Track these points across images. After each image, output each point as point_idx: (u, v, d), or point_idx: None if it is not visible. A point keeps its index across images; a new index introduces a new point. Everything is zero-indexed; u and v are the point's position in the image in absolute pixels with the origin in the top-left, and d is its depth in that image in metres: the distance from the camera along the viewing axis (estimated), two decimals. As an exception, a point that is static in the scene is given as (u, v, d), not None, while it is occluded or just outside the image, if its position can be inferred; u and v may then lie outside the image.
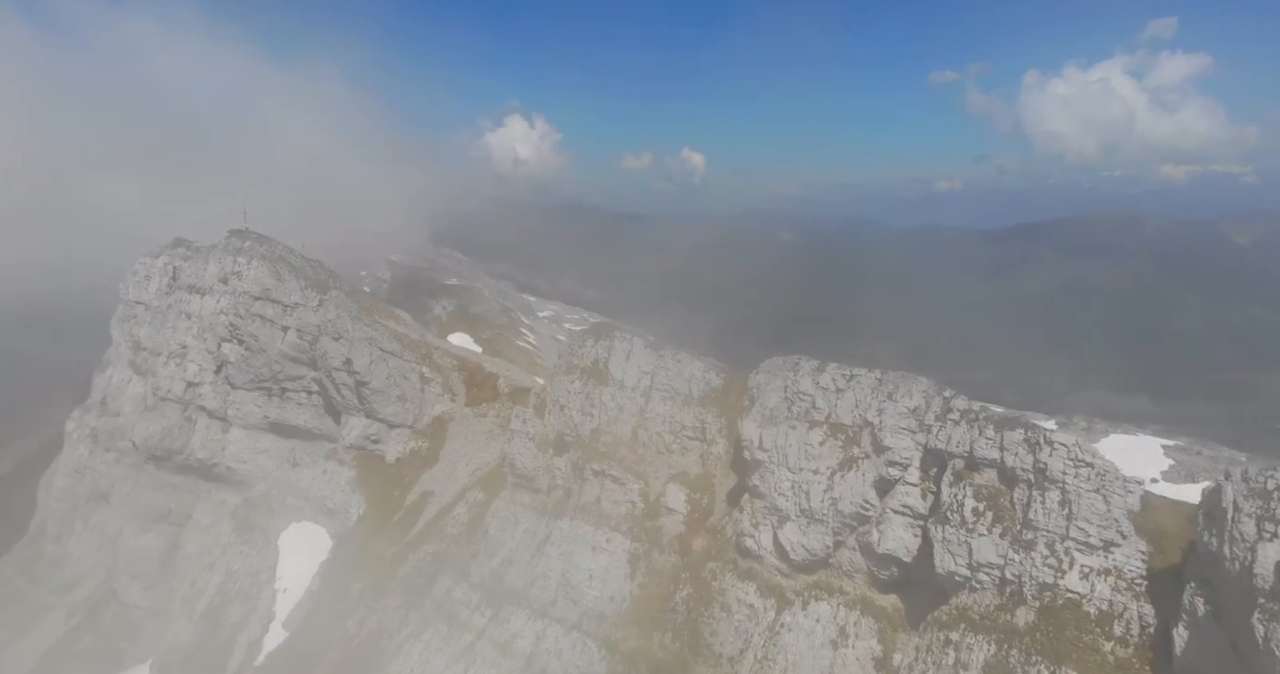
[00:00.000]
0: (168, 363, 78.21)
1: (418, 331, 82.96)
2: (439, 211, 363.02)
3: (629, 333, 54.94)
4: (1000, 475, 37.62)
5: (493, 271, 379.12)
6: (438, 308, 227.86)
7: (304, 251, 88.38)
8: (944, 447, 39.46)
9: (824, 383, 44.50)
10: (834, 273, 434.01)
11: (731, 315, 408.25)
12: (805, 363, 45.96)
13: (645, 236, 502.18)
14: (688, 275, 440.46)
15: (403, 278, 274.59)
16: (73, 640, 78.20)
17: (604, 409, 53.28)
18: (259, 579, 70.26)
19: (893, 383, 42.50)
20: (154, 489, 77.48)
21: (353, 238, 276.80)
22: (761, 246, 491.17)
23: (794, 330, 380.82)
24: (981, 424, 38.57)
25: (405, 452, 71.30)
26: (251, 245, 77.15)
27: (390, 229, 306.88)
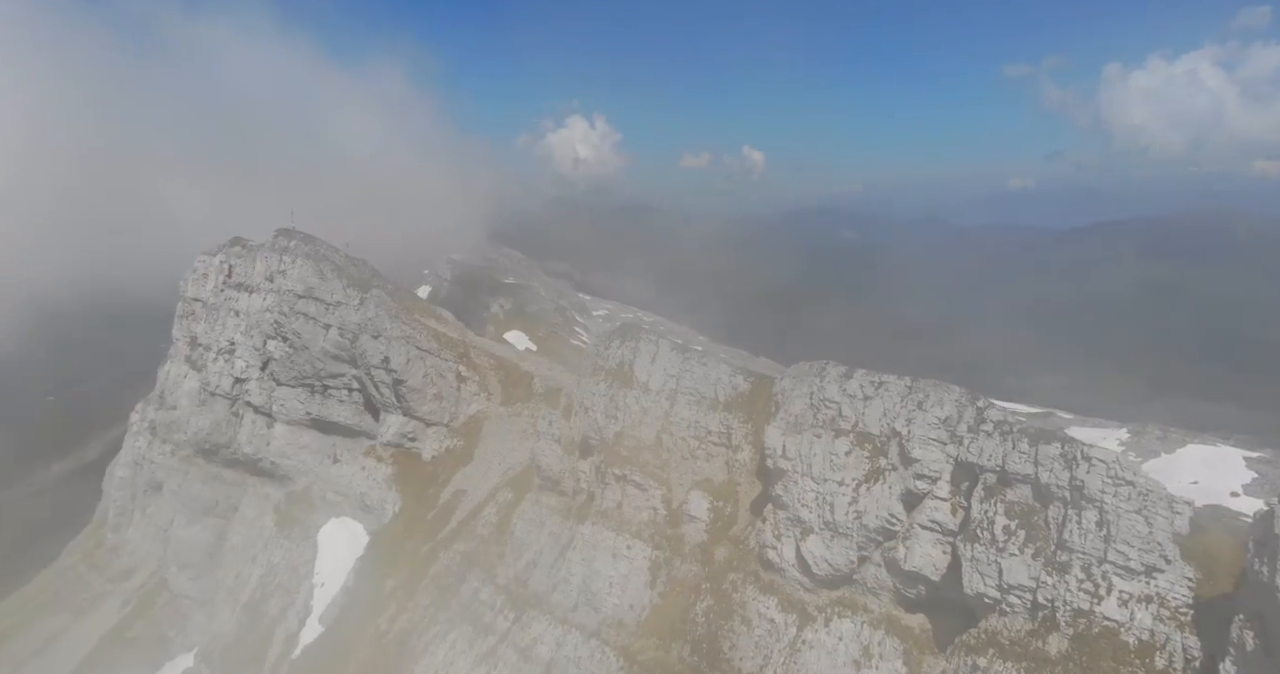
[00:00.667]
0: (217, 359, 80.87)
1: (458, 330, 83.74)
2: (500, 211, 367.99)
3: (655, 335, 54.13)
4: (1034, 492, 35.47)
5: (551, 270, 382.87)
6: (495, 306, 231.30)
7: (355, 251, 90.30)
8: (975, 460, 37.46)
9: (851, 390, 42.84)
10: (898, 272, 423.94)
11: (789, 316, 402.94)
12: (832, 368, 44.34)
13: (703, 235, 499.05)
14: (745, 275, 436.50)
15: (463, 276, 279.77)
16: (125, 627, 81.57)
17: (628, 412, 52.56)
18: (298, 573, 71.92)
19: (923, 391, 40.59)
20: (202, 481, 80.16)
21: (417, 237, 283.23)
22: (821, 245, 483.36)
23: (854, 332, 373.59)
24: (1015, 437, 36.45)
25: (441, 450, 71.95)
26: (297, 244, 79.06)
27: (453, 229, 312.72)
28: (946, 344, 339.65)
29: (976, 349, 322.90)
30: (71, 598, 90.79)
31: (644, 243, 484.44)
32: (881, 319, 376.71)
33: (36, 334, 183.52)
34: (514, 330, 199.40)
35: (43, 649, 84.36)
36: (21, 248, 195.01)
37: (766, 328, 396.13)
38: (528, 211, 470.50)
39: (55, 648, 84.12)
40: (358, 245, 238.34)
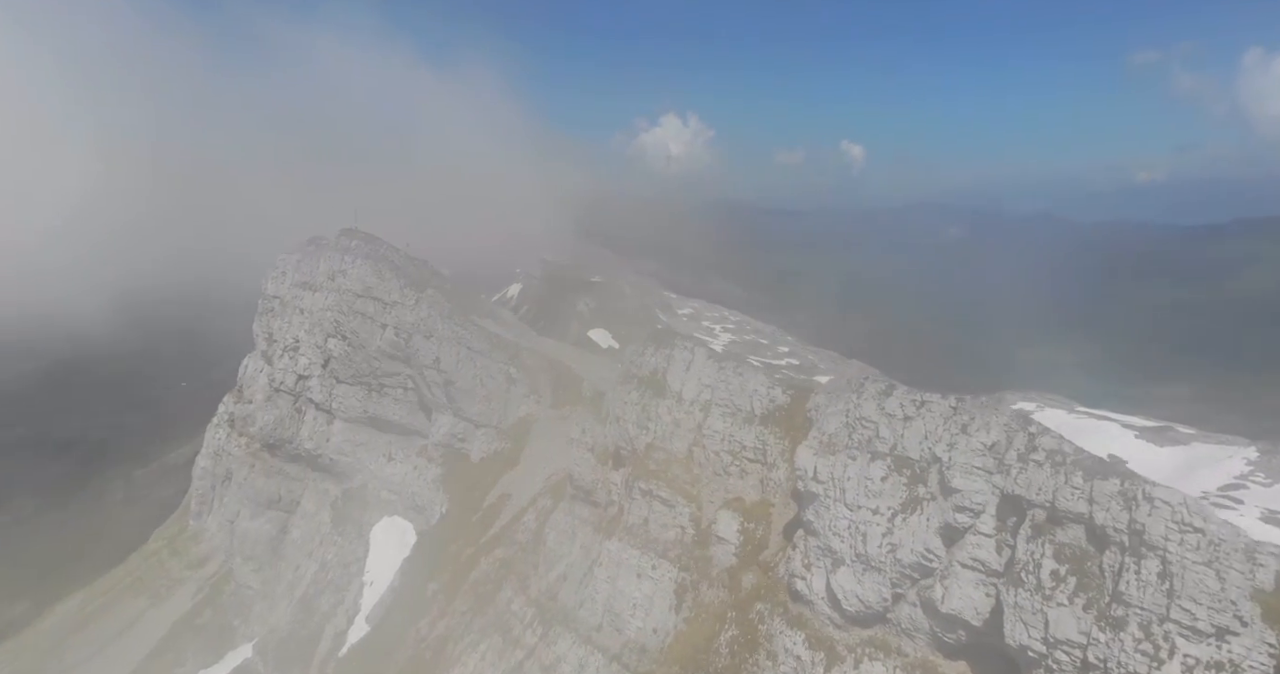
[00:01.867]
0: (283, 356, 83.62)
1: (515, 331, 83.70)
2: (592, 211, 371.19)
3: (691, 341, 51.77)
4: (1088, 534, 31.28)
5: (640, 269, 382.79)
6: (581, 304, 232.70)
7: (447, 250, 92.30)
8: (1023, 493, 33.46)
9: (890, 408, 39.32)
10: (1009, 272, 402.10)
11: (888, 316, 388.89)
12: (871, 385, 40.89)
13: (796, 232, 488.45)
14: (841, 273, 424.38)
15: (553, 275, 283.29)
16: (195, 614, 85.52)
17: (659, 423, 50.47)
18: (349, 570, 73.43)
19: (968, 413, 36.71)
20: (266, 475, 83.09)
21: (512, 237, 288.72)
22: (925, 243, 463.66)
23: (958, 335, 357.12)
24: (1068, 469, 32.27)
25: (489, 452, 71.88)
26: (358, 244, 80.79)
27: (546, 228, 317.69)
28: (1059, 348, 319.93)
29: (1092, 355, 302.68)
30: (152, 582, 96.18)
31: (734, 240, 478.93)
32: (989, 321, 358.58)
33: (164, 325, 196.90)
34: (598, 328, 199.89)
35: (123, 632, 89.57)
36: (147, 243, 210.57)
37: (863, 328, 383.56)
38: (619, 210, 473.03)
39: (134, 631, 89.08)
40: (450, 245, 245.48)
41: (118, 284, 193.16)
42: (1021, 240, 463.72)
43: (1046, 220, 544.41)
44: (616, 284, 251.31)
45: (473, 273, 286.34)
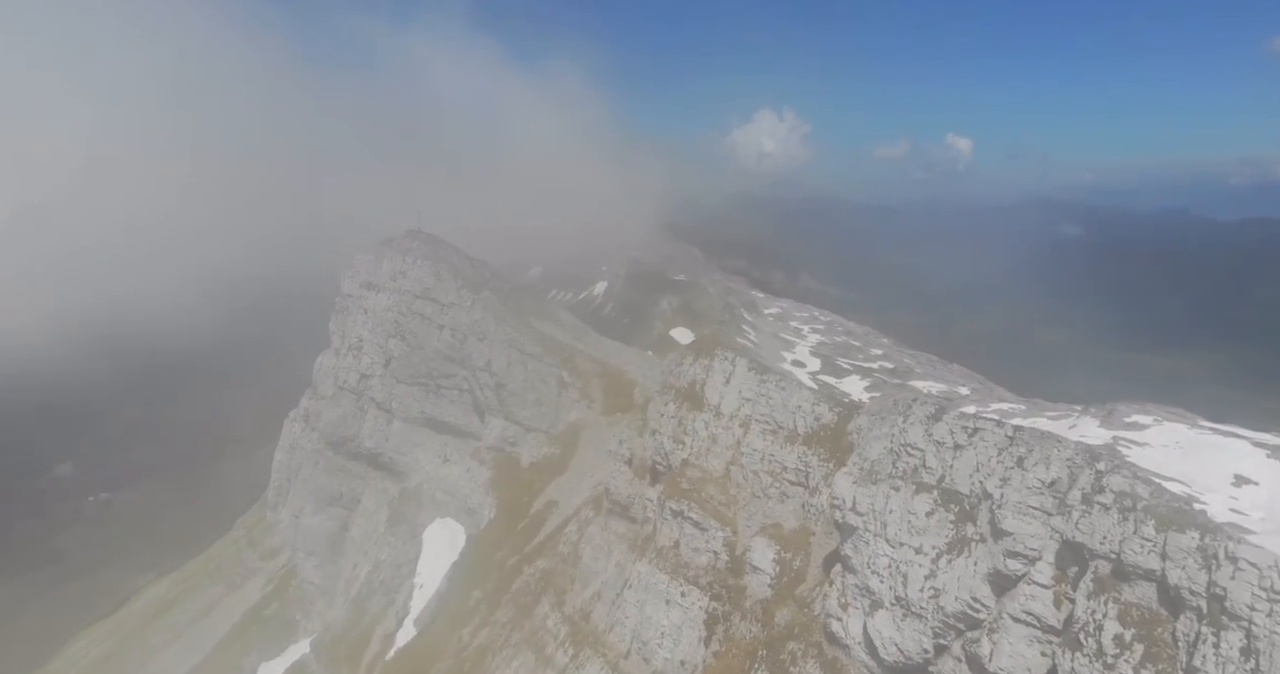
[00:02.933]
0: (347, 354, 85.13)
1: (573, 332, 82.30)
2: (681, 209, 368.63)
3: (731, 352, 48.59)
4: (1160, 594, 26.72)
5: (729, 267, 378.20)
6: (664, 303, 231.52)
7: (532, 249, 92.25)
8: (1086, 541, 29.05)
9: (939, 435, 35.26)
10: (1131, 273, 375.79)
11: (995, 318, 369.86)
12: (919, 407, 36.85)
13: (896, 230, 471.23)
14: (942, 272, 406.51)
15: (637, 273, 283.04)
16: (263, 606, 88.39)
17: (696, 438, 47.63)
18: (401, 572, 73.81)
19: (1026, 444, 32.34)
20: (329, 472, 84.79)
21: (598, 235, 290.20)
22: (1039, 241, 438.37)
23: (1075, 339, 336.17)
24: (1139, 516, 27.71)
25: (539, 457, 70.76)
26: (419, 246, 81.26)
27: (632, 227, 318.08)
28: (1190, 356, 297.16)
29: (1226, 363, 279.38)
30: (229, 571, 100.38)
31: (830, 238, 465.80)
32: (1110, 325, 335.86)
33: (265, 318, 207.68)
34: (680, 327, 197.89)
35: (199, 618, 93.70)
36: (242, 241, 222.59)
37: (967, 331, 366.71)
38: (709, 208, 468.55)
39: (209, 618, 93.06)
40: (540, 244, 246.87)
41: (215, 280, 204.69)
42: (1152, 239, 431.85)
43: (1177, 217, 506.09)
44: (700, 283, 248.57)
45: (559, 272, 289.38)
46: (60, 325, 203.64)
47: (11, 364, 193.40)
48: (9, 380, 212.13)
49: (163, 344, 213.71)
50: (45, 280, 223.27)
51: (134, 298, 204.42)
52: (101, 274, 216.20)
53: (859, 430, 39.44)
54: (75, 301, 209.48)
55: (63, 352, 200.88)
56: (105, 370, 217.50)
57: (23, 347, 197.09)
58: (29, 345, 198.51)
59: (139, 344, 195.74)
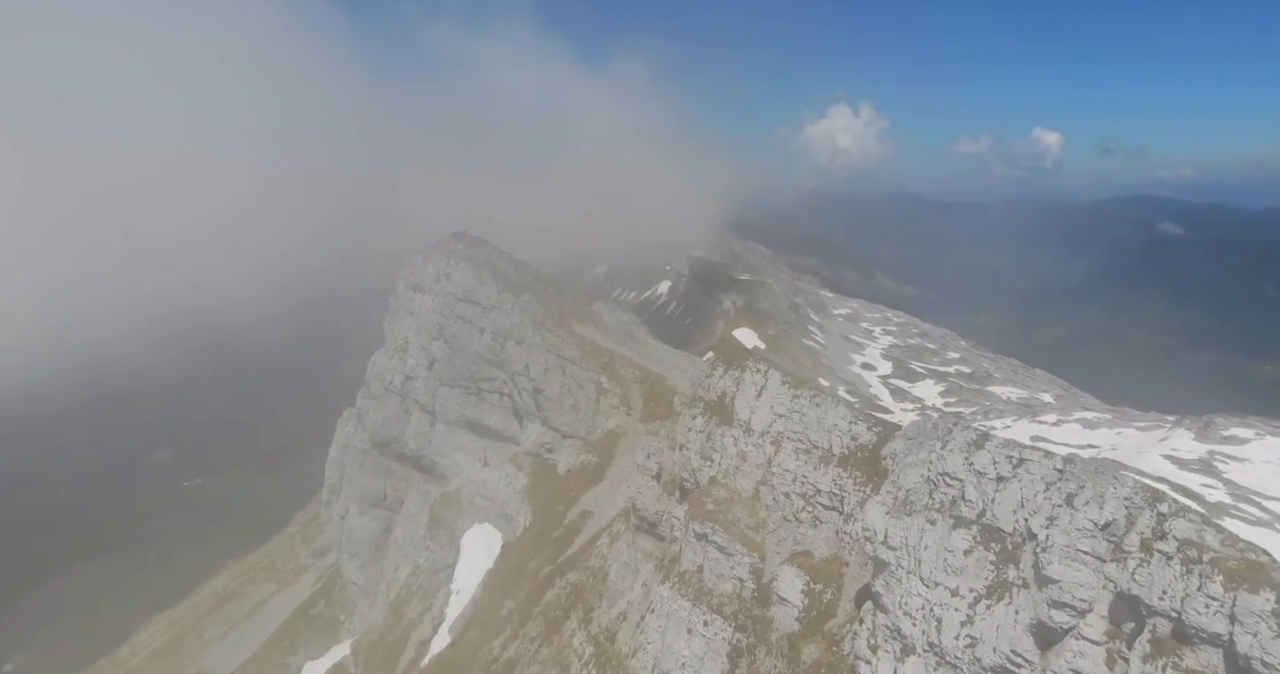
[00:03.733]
0: (393, 355, 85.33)
1: (617, 337, 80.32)
2: (750, 206, 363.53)
3: (764, 364, 45.70)
4: (1228, 663, 22.98)
5: (799, 266, 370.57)
6: (727, 302, 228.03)
7: (596, 249, 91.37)
8: (1143, 594, 25.40)
9: (980, 465, 31.80)
10: (1234, 274, 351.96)
11: (1084, 321, 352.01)
12: (960, 433, 33.38)
13: (978, 227, 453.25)
14: (1028, 272, 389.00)
15: (700, 272, 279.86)
16: (311, 604, 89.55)
17: (725, 455, 44.98)
18: (438, 577, 73.32)
19: (1078, 479, 28.67)
20: (374, 473, 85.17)
21: (662, 234, 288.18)
22: (1133, 239, 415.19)
23: (1171, 343, 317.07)
24: (1205, 570, 23.97)
25: (575, 464, 69.15)
26: (462, 248, 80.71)
27: (699, 225, 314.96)
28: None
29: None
30: (282, 567, 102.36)
31: (907, 236, 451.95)
32: (1207, 329, 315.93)
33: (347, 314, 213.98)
34: (743, 327, 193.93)
35: (252, 613, 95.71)
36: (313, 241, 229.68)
37: (1053, 334, 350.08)
38: (780, 206, 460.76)
39: (261, 613, 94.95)
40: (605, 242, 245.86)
41: (280, 276, 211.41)
42: (1258, 239, 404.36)
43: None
44: (765, 282, 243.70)
45: (624, 270, 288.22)
46: (134, 318, 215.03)
47: (100, 354, 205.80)
48: (106, 369, 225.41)
49: (231, 337, 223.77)
50: (118, 275, 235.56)
51: (194, 292, 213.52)
52: (166, 268, 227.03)
53: (893, 455, 36.19)
54: (143, 295, 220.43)
55: (137, 343, 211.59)
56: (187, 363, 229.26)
57: (104, 338, 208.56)
58: (109, 338, 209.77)
59: (206, 337, 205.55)
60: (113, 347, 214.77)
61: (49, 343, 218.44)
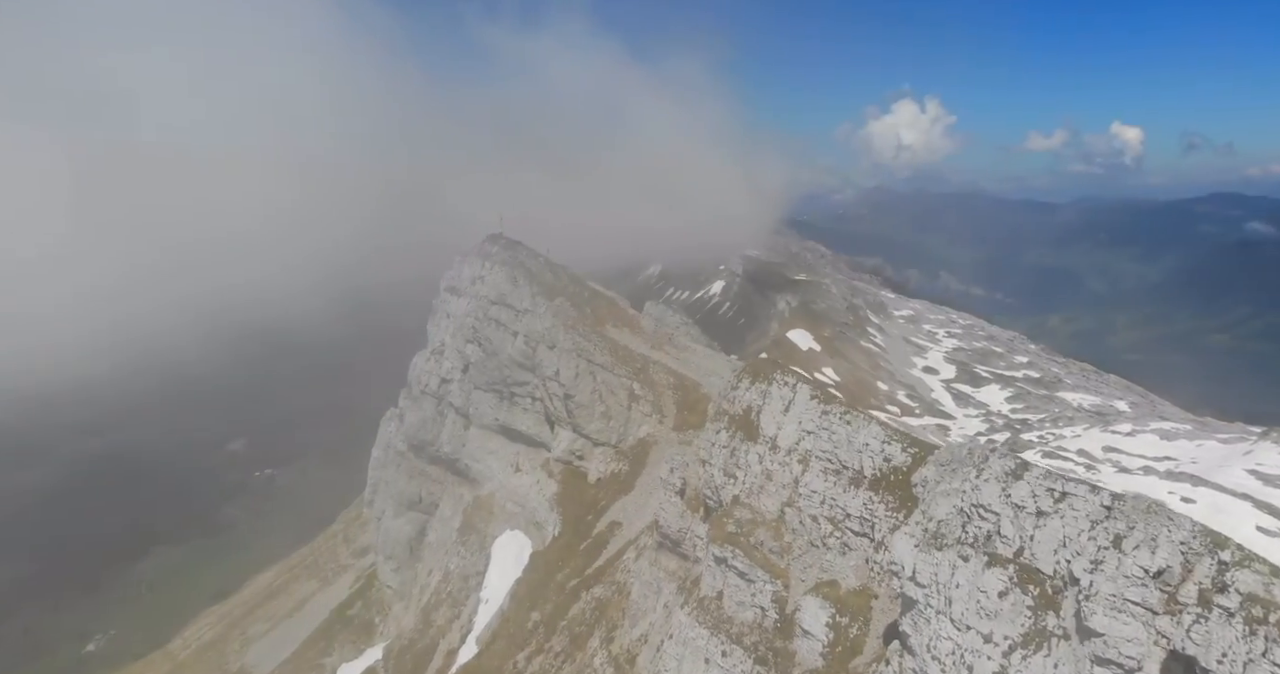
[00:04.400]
0: (430, 358, 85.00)
1: (654, 341, 78.23)
2: (808, 204, 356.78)
3: (792, 377, 43.05)
4: (1300, 748, 19.85)
5: (860, 266, 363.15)
6: (781, 303, 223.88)
7: (648, 248, 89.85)
8: (1200, 655, 22.33)
9: (1019, 497, 28.83)
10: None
11: (1165, 323, 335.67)
12: (997, 460, 30.39)
13: (1051, 226, 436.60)
14: (1105, 272, 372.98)
15: (753, 272, 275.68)
16: (348, 605, 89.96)
17: (749, 473, 42.54)
18: (468, 584, 72.52)
19: (1127, 518, 25.55)
20: (409, 476, 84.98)
21: (717, 233, 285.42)
22: (1220, 239, 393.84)
23: (1261, 349, 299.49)
24: (1272, 633, 20.85)
25: (606, 472, 67.46)
26: (498, 251, 79.81)
27: (754, 223, 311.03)
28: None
29: None
30: (324, 565, 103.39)
31: (974, 234, 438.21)
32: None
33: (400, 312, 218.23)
34: (798, 329, 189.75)
35: (294, 611, 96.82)
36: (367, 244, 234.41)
37: (1131, 337, 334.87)
38: (841, 204, 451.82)
39: (302, 612, 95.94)
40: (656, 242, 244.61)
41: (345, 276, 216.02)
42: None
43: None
44: (822, 282, 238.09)
45: (677, 270, 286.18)
46: (192, 315, 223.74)
47: (158, 348, 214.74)
48: (167, 362, 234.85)
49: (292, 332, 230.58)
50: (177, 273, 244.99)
51: (250, 288, 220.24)
52: (222, 266, 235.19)
53: (924, 483, 33.31)
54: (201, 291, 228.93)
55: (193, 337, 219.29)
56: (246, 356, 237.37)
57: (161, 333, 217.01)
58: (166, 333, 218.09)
59: (265, 332, 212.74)
60: (171, 341, 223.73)
61: (110, 338, 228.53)
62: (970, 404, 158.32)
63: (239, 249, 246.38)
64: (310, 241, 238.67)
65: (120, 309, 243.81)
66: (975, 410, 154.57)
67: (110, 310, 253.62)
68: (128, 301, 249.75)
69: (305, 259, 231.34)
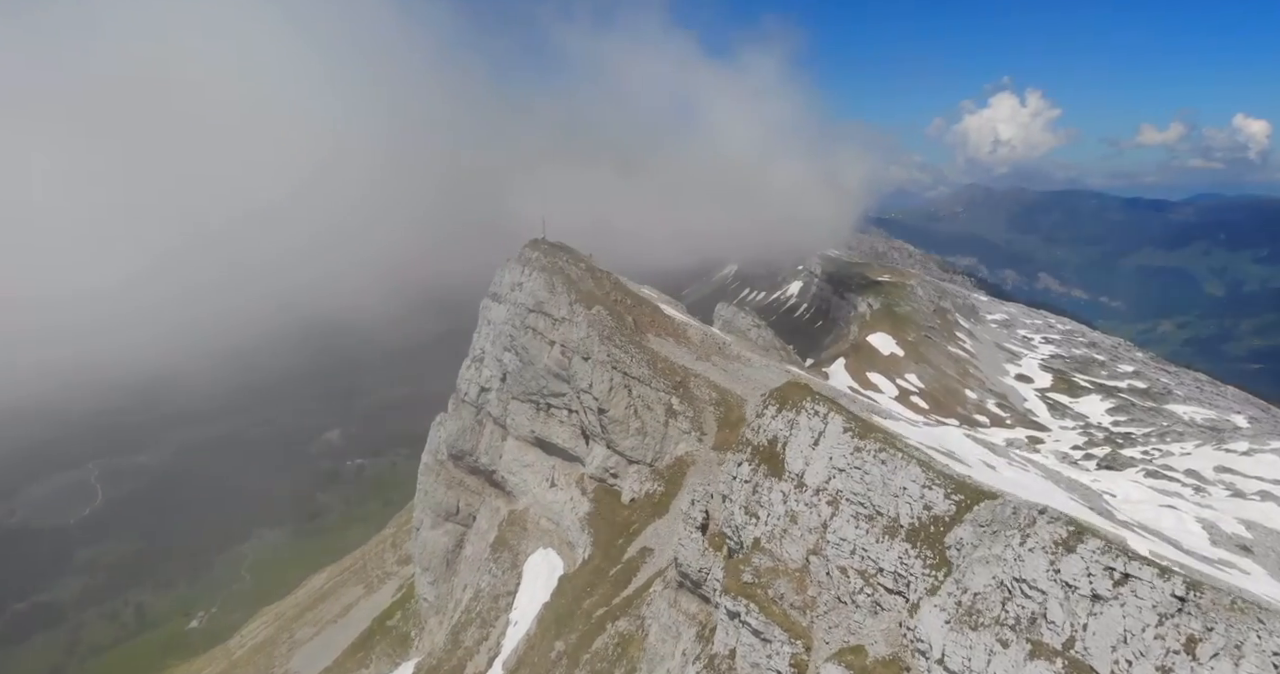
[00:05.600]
0: (470, 366, 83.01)
1: (702, 350, 73.86)
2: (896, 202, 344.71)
3: (824, 405, 38.18)
4: None
5: (952, 266, 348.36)
6: (862, 305, 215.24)
7: (722, 248, 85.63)
8: None
9: (1070, 575, 23.64)
10: None
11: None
12: (1046, 526, 25.16)
13: (1164, 225, 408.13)
14: (1223, 275, 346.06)
15: (834, 272, 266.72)
16: (389, 614, 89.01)
17: (772, 513, 37.99)
18: (498, 604, 69.99)
19: (1204, 615, 20.22)
20: (448, 486, 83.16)
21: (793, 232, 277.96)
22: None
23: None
24: None
25: (640, 493, 63.62)
26: (538, 256, 77.06)
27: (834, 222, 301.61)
28: None
29: None
30: (371, 571, 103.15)
31: (1078, 234, 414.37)
32: None
33: None
34: (879, 332, 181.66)
35: (339, 617, 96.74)
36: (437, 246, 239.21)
37: (1253, 347, 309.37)
38: (932, 201, 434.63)
39: (347, 618, 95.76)
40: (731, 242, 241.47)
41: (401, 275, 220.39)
42: None
43: None
44: (906, 284, 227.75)
45: (753, 270, 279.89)
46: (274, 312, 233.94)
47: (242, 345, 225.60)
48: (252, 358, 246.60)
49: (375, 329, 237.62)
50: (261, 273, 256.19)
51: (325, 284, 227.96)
52: (298, 264, 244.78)
53: (959, 545, 28.29)
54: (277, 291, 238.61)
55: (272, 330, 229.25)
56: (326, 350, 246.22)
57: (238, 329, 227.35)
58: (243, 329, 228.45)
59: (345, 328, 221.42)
60: (255, 338, 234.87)
61: (209, 332, 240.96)
62: (1067, 415, 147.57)
63: (313, 249, 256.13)
64: (384, 239, 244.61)
65: (210, 307, 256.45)
66: (1072, 422, 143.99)
67: (201, 308, 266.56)
68: (218, 300, 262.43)
69: (377, 256, 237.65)
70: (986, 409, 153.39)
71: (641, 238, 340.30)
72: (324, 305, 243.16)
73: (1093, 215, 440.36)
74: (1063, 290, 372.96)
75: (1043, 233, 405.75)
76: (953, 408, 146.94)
